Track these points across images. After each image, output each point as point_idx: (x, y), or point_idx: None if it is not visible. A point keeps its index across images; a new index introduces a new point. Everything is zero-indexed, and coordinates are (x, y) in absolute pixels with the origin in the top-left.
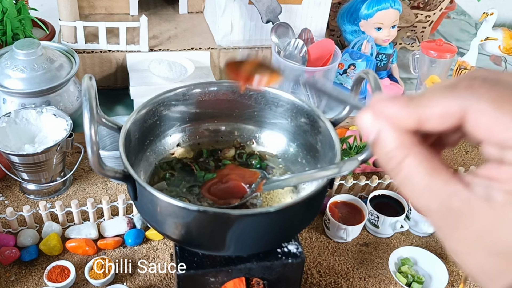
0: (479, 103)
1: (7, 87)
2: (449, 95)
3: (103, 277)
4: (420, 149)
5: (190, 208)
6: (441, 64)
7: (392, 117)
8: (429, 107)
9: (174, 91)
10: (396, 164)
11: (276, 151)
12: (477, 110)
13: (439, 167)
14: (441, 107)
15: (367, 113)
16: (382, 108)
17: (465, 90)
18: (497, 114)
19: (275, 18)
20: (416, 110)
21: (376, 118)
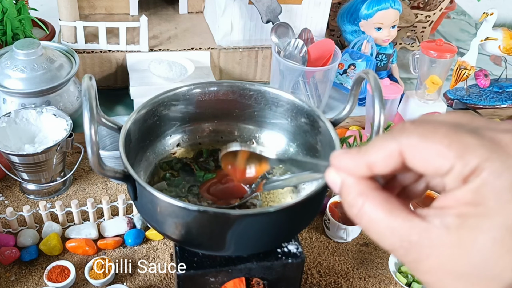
0: (409, 139)
1: (7, 87)
2: (387, 138)
3: (103, 277)
4: (378, 192)
5: (190, 208)
6: (441, 64)
7: (346, 168)
8: (373, 153)
9: (174, 91)
10: (358, 210)
11: (276, 151)
12: (409, 145)
13: (396, 206)
14: (382, 151)
15: (332, 169)
16: (337, 162)
17: (398, 132)
18: (425, 145)
19: (275, 18)
20: (363, 158)
21: (337, 172)
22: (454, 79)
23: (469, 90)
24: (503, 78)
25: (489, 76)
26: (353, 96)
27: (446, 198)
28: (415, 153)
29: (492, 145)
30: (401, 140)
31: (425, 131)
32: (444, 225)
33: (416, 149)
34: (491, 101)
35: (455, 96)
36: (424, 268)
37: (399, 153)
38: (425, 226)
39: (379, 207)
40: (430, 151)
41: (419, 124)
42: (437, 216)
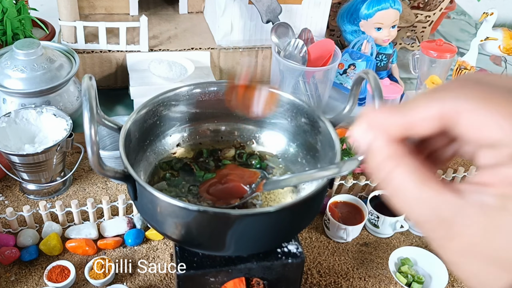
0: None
1: (7, 87)
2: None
3: (103, 277)
4: (410, 159)
5: (190, 208)
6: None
7: (381, 124)
8: (415, 112)
9: (174, 91)
10: (386, 174)
11: (276, 151)
12: (459, 109)
13: (430, 177)
14: (426, 111)
15: (360, 125)
16: (372, 117)
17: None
18: (477, 112)
19: (275, 18)
20: (403, 116)
21: (368, 129)
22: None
23: None
24: None
25: None
26: (353, 96)
27: (489, 174)
28: (469, 118)
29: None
30: (450, 102)
31: (479, 95)
32: (482, 203)
33: (467, 115)
34: None
35: None
36: (453, 247)
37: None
38: (460, 203)
39: (411, 174)
40: (487, 119)
41: (472, 87)
42: (475, 193)
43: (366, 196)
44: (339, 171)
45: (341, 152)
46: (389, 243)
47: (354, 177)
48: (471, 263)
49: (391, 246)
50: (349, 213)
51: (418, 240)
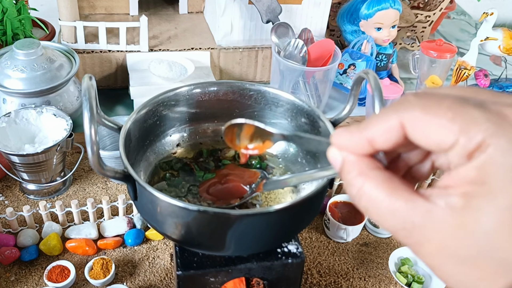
0: (411, 111)
1: (7, 87)
2: (387, 111)
3: (103, 277)
4: (377, 172)
5: (190, 208)
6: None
7: (345, 145)
8: (373, 127)
9: (174, 91)
10: (357, 190)
11: (276, 151)
12: (411, 118)
13: (398, 186)
14: (382, 124)
15: (333, 147)
16: (337, 140)
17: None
18: (427, 117)
19: (275, 18)
20: (363, 133)
21: (339, 150)
22: (454, 79)
23: None
24: (503, 78)
25: (489, 76)
26: (353, 96)
27: (450, 176)
28: (417, 125)
29: (499, 119)
30: (402, 112)
31: (428, 102)
32: (448, 205)
33: (418, 121)
34: None
35: None
36: (427, 250)
37: (400, 126)
38: (428, 207)
39: (380, 187)
40: (433, 124)
41: (422, 96)
42: (441, 196)
43: None
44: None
45: None
46: (389, 243)
47: None
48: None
49: (391, 246)
50: (349, 213)
51: None
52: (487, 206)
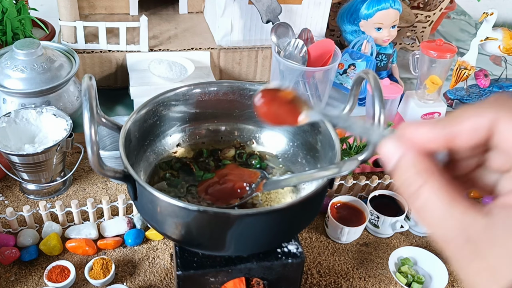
0: (507, 113)
1: (7, 87)
2: (477, 110)
3: (103, 277)
4: (439, 176)
5: (190, 208)
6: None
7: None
8: (459, 124)
9: (174, 91)
10: (415, 190)
11: (276, 151)
12: (507, 121)
13: (458, 196)
14: (471, 121)
15: (391, 140)
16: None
17: (493, 104)
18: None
19: (275, 18)
20: (445, 128)
21: (399, 145)
22: (454, 79)
23: (469, 90)
24: (503, 78)
25: (489, 76)
26: (353, 96)
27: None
28: (508, 128)
29: None
30: (498, 112)
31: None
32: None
33: (510, 124)
34: None
35: (455, 96)
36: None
37: (490, 126)
38: (487, 223)
39: (439, 192)
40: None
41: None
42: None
43: (366, 196)
44: (339, 171)
45: (341, 152)
46: (389, 243)
47: (354, 177)
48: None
49: (391, 246)
50: (350, 215)
51: (418, 240)
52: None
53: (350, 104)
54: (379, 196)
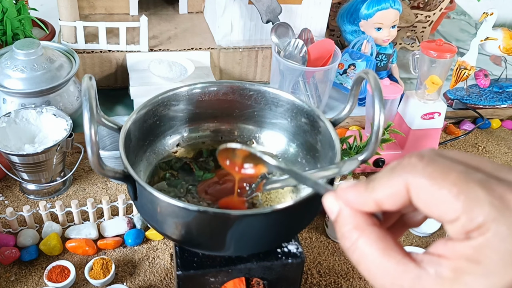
0: (417, 179)
1: (7, 87)
2: (393, 175)
3: (103, 277)
4: (373, 229)
5: (190, 208)
6: (441, 64)
7: (352, 202)
8: (380, 190)
9: (174, 91)
10: (351, 244)
11: (276, 151)
12: (416, 186)
13: (392, 247)
14: (389, 188)
15: (331, 194)
16: (344, 195)
17: (405, 168)
18: (432, 189)
19: (275, 18)
20: (371, 195)
21: (337, 201)
22: (454, 79)
23: (469, 90)
24: (503, 78)
25: (489, 76)
26: (353, 96)
27: (445, 246)
28: (422, 195)
29: (501, 204)
30: (407, 177)
31: (435, 173)
32: (438, 275)
33: (423, 191)
34: (491, 101)
35: (455, 96)
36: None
37: (406, 191)
38: (418, 273)
39: (374, 244)
40: (438, 197)
41: (428, 163)
42: (432, 264)
43: None
44: (339, 171)
45: (341, 152)
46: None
47: (354, 177)
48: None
49: None
50: None
51: (418, 240)
52: (477, 285)
53: (350, 104)
54: None
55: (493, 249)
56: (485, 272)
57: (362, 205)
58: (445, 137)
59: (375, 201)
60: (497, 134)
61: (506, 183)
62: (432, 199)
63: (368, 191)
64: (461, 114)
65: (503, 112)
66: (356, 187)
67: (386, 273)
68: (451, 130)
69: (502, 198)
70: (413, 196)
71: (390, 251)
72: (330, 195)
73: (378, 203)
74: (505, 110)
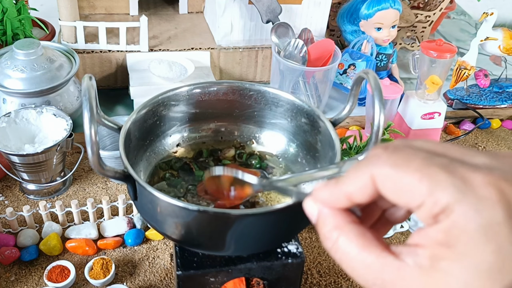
0: (381, 169)
1: (7, 87)
2: (360, 167)
3: (103, 277)
4: (352, 227)
5: (190, 208)
6: (441, 64)
7: (325, 200)
8: (349, 184)
9: (174, 91)
10: (332, 244)
11: (276, 151)
12: (381, 175)
13: (371, 242)
14: (357, 181)
15: (309, 199)
16: (317, 194)
17: (369, 159)
18: (396, 176)
19: (275, 18)
20: (341, 189)
21: (315, 203)
22: (454, 79)
23: (469, 90)
24: (503, 78)
25: (489, 76)
26: (353, 96)
27: (419, 235)
28: (387, 183)
29: (463, 185)
30: (372, 169)
31: (398, 161)
32: (417, 264)
33: (387, 179)
34: (491, 101)
35: (455, 96)
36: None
37: (372, 182)
38: (398, 265)
39: (354, 241)
40: (402, 183)
41: (392, 152)
42: (410, 254)
43: None
44: (339, 171)
45: (341, 152)
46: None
47: None
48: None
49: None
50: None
51: None
52: (454, 269)
53: (350, 104)
54: None
55: (460, 230)
56: (458, 255)
57: (335, 202)
58: (445, 137)
59: (346, 196)
60: (497, 134)
61: (469, 165)
62: (397, 187)
63: (338, 187)
64: (461, 114)
65: (503, 112)
66: (327, 185)
67: (367, 268)
68: (451, 130)
69: (465, 179)
70: (380, 186)
71: (369, 246)
72: (308, 199)
73: (349, 197)
74: (505, 110)
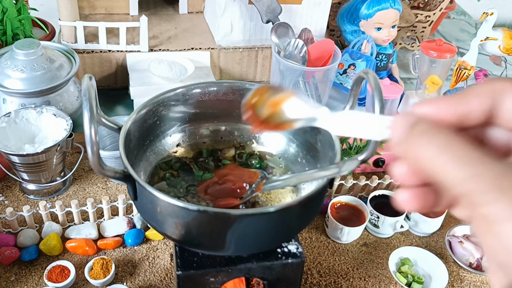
0: (506, 82)
1: (7, 87)
2: (482, 87)
3: (103, 277)
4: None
5: (190, 208)
6: (441, 64)
7: (434, 116)
8: (468, 100)
9: (174, 91)
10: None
11: (276, 151)
12: (506, 89)
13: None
14: (477, 99)
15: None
16: (427, 107)
17: (497, 80)
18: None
19: (275, 18)
20: (456, 106)
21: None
22: (454, 79)
23: None
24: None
25: (489, 76)
26: (353, 96)
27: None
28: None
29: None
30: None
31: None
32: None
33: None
34: None
35: None
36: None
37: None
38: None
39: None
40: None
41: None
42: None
43: (366, 196)
44: (339, 171)
45: (341, 152)
46: (389, 243)
47: (354, 177)
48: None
49: (391, 246)
50: (351, 215)
51: (418, 240)
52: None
53: (350, 104)
54: (379, 196)
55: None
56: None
57: (444, 118)
58: None
59: (460, 113)
60: None
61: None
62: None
63: (452, 104)
64: None
65: None
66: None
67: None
68: None
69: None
70: (500, 101)
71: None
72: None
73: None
74: None
